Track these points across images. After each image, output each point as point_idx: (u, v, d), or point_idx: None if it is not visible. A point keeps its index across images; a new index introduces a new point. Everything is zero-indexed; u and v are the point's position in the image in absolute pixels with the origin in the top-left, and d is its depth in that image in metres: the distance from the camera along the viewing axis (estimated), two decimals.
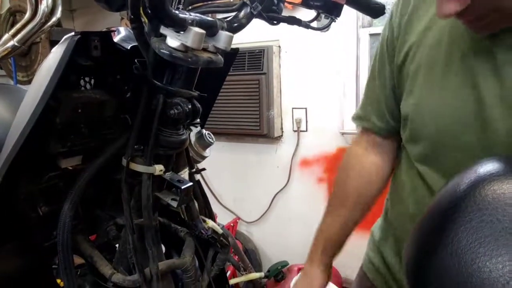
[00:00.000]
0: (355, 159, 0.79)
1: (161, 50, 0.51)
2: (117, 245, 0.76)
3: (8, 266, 0.66)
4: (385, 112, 0.73)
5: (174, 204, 0.66)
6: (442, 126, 0.60)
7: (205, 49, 0.56)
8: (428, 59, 0.62)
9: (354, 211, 0.77)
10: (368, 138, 0.78)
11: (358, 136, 0.81)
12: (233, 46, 0.65)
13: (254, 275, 1.89)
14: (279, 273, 1.99)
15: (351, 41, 1.98)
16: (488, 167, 0.33)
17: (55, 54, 0.54)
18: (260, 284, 2.15)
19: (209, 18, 0.56)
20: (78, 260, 0.75)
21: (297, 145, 2.18)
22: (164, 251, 0.79)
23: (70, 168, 0.66)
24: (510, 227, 0.29)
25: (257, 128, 2.17)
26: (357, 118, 0.79)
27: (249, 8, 0.62)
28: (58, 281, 0.74)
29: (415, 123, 0.65)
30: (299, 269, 1.99)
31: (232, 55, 0.79)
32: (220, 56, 0.58)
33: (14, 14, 1.92)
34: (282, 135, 2.24)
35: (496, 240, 0.30)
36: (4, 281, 0.64)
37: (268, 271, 2.00)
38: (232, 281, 1.90)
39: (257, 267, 2.26)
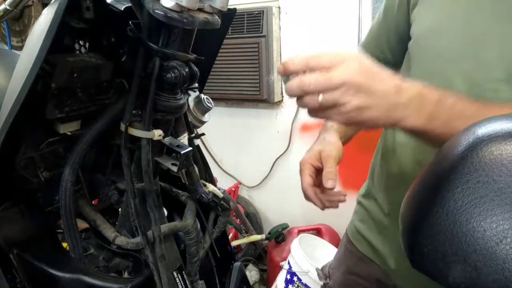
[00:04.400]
0: None
1: (155, 11, 0.50)
2: (119, 209, 0.77)
3: (15, 229, 0.67)
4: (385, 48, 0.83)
5: (175, 168, 0.67)
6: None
7: (201, 9, 0.54)
8: None
9: None
10: None
11: None
12: (230, 7, 0.63)
13: (256, 237, 1.95)
14: (280, 235, 2.05)
15: (353, 2, 1.92)
16: (487, 128, 0.32)
17: (46, 16, 0.52)
18: (261, 246, 2.22)
19: None
20: (82, 225, 0.77)
21: (298, 110, 2.17)
22: (166, 215, 0.80)
23: (69, 133, 0.66)
24: (505, 187, 0.29)
25: (257, 93, 2.16)
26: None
27: None
28: (64, 245, 0.77)
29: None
30: (299, 231, 2.04)
31: (230, 16, 0.77)
32: (216, 17, 0.56)
33: None
34: (282, 100, 2.22)
35: (492, 200, 0.30)
36: (11, 244, 0.66)
37: (269, 233, 2.06)
38: (234, 243, 1.96)
39: (258, 230, 2.32)
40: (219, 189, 0.82)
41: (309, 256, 1.73)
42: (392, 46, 0.82)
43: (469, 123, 0.48)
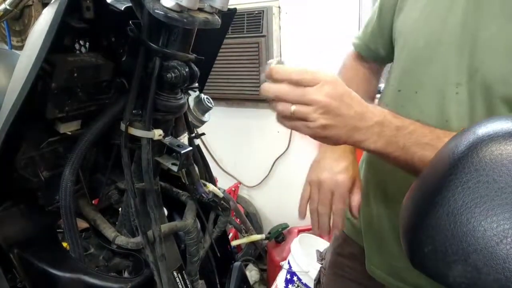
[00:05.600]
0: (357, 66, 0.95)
1: (156, 11, 0.50)
2: (119, 209, 0.77)
3: (15, 229, 0.67)
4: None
5: (175, 168, 0.67)
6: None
7: (201, 9, 0.54)
8: None
9: None
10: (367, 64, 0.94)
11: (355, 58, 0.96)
12: (230, 6, 0.63)
13: (256, 237, 1.95)
14: (280, 234, 2.05)
15: (353, 2, 1.92)
16: (487, 128, 0.32)
17: (46, 16, 0.52)
18: (261, 245, 2.22)
19: None
20: (82, 225, 0.77)
21: None
22: (166, 215, 0.80)
23: (69, 133, 0.66)
24: (505, 187, 0.29)
25: (257, 93, 2.16)
26: (357, 46, 0.95)
27: None
28: (64, 244, 0.77)
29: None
30: (299, 231, 2.04)
31: (230, 16, 0.77)
32: (216, 17, 0.57)
33: None
34: None
35: (492, 200, 0.30)
36: (11, 244, 0.66)
37: (269, 233, 2.06)
38: (234, 243, 1.96)
39: (258, 230, 2.32)
40: (219, 189, 0.82)
41: (309, 256, 1.73)
42: (385, 42, 0.86)
43: (425, 149, 0.55)
